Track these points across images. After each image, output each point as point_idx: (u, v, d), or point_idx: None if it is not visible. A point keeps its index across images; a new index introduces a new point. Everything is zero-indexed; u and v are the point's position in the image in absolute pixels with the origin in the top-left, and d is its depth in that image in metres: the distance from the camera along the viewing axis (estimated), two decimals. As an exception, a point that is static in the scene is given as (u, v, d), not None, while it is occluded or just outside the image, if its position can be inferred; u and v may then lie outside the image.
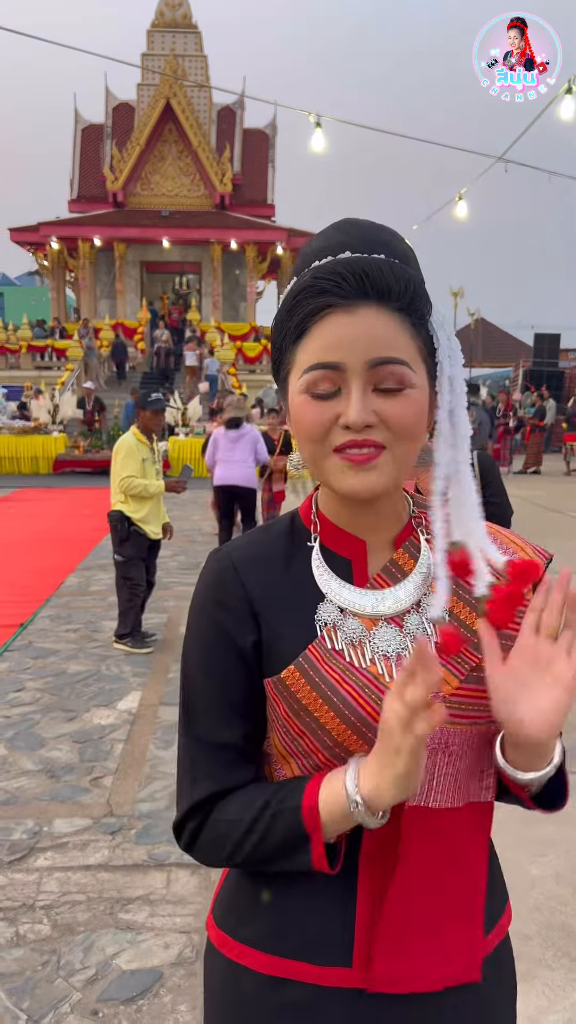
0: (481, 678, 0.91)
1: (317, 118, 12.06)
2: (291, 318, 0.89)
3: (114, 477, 5.41)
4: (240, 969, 0.98)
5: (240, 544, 1.03)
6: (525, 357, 28.21)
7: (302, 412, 0.89)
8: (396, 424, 0.87)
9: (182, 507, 12.00)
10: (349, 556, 0.98)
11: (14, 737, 4.16)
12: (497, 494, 3.59)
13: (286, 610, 0.97)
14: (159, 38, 29.71)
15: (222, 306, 29.27)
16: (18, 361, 24.14)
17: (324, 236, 0.91)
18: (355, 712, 0.91)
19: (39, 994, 2.39)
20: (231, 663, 0.96)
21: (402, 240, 0.92)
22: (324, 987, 0.93)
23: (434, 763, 0.93)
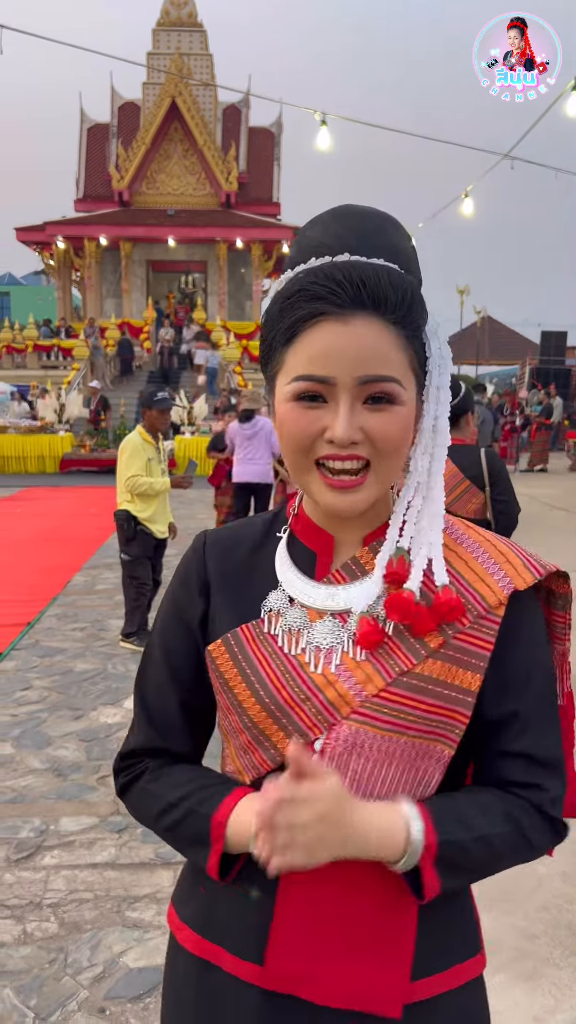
0: (413, 685, 0.89)
1: (323, 116, 12.05)
2: (283, 319, 0.87)
3: (120, 476, 5.41)
4: (177, 946, 1.03)
5: (221, 529, 1.08)
6: (532, 355, 28.16)
7: (288, 420, 0.88)
8: (381, 441, 0.86)
9: (188, 505, 12.00)
10: (315, 549, 0.99)
11: (21, 736, 4.17)
12: (504, 492, 3.58)
13: (238, 590, 1.00)
14: (165, 37, 29.70)
15: (228, 305, 29.26)
16: (24, 361, 24.18)
17: (323, 225, 0.88)
18: (271, 695, 0.92)
19: (47, 992, 2.40)
20: (179, 635, 1.02)
21: (405, 235, 0.91)
22: (240, 979, 0.94)
23: (346, 764, 0.90)
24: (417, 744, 0.90)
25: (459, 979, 0.96)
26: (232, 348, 22.87)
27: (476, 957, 0.99)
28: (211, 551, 1.04)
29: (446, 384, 0.92)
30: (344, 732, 0.90)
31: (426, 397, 0.91)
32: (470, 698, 0.91)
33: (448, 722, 0.90)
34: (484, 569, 0.94)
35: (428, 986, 0.93)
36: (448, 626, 0.91)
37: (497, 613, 0.92)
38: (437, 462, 0.94)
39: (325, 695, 0.90)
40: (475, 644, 0.91)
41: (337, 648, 0.92)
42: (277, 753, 0.93)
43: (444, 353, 0.92)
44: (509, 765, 0.93)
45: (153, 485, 5.34)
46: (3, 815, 3.39)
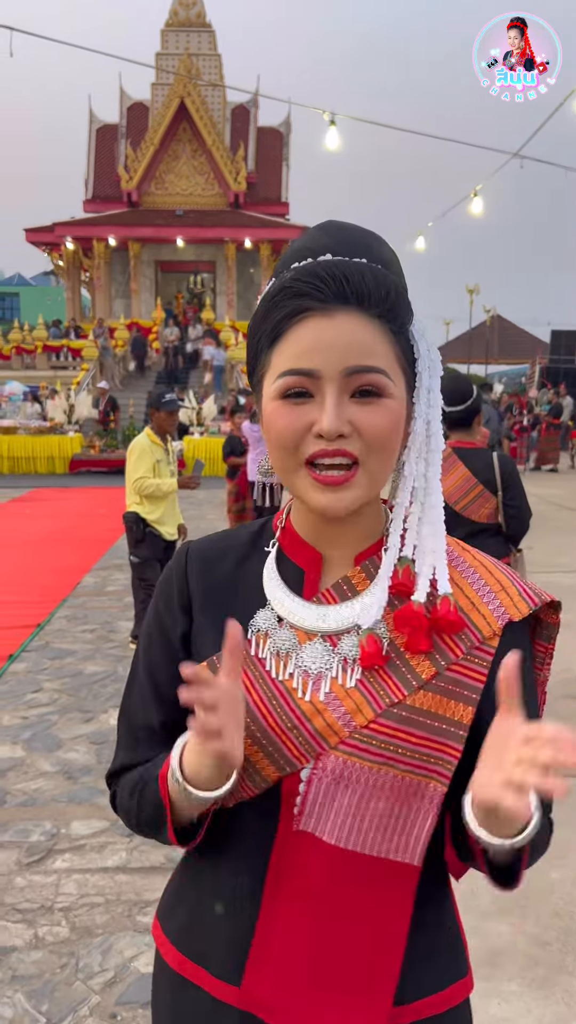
0: (403, 717, 0.87)
1: (331, 116, 12.05)
2: (267, 319, 0.86)
3: (128, 478, 5.42)
4: (161, 961, 1.02)
5: (206, 540, 1.05)
6: (542, 354, 28.07)
7: (275, 418, 0.86)
8: (370, 434, 0.84)
9: (197, 506, 12.02)
10: (303, 566, 0.96)
11: (32, 738, 4.18)
12: (516, 497, 3.56)
13: (223, 608, 0.96)
14: (173, 37, 29.74)
15: (236, 305, 29.29)
16: (34, 361, 24.26)
17: (307, 236, 0.89)
18: (257, 723, 0.90)
19: (58, 997, 2.40)
20: (162, 651, 1.00)
21: (386, 246, 0.90)
22: (218, 1000, 0.93)
23: (332, 795, 0.89)
24: (407, 779, 0.88)
25: (446, 1003, 0.95)
26: (240, 348, 22.88)
27: (464, 980, 0.98)
28: (193, 565, 1.01)
29: (437, 386, 0.91)
30: (332, 763, 0.88)
31: (417, 399, 0.90)
32: (462, 731, 0.88)
33: (439, 756, 0.87)
34: (479, 597, 0.91)
35: (414, 1010, 0.92)
36: (441, 656, 0.89)
37: (491, 644, 0.89)
38: (433, 467, 0.91)
39: (313, 724, 0.88)
40: (468, 676, 0.89)
41: (326, 674, 0.89)
42: (262, 779, 0.91)
43: (433, 355, 0.91)
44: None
45: (160, 487, 5.35)
46: (14, 818, 3.40)
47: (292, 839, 0.91)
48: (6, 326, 27.80)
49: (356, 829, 0.89)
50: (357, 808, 0.88)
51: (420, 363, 0.90)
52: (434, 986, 0.94)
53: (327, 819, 0.89)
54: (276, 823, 0.91)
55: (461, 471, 3.52)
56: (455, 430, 3.60)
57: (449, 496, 3.49)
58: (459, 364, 39.76)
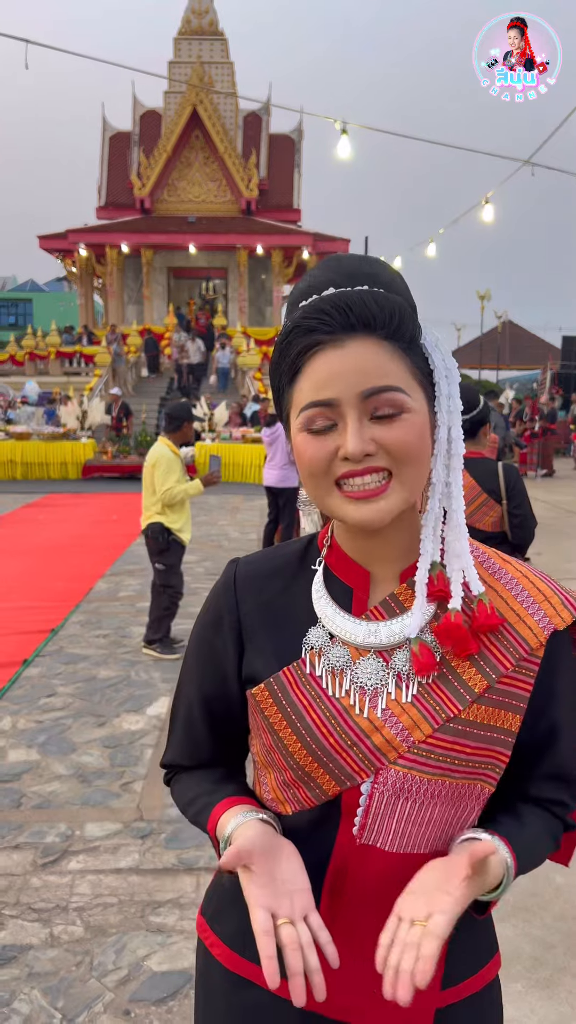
0: (459, 730, 0.91)
1: (343, 125, 12.12)
2: (284, 359, 0.90)
3: (150, 489, 5.49)
4: (211, 959, 1.06)
5: (252, 558, 1.08)
6: (553, 360, 28.03)
7: (303, 449, 0.89)
8: (396, 450, 0.87)
9: (208, 512, 12.09)
10: (352, 584, 0.99)
11: (46, 742, 4.25)
12: (521, 506, 3.58)
13: (276, 628, 1.00)
14: (186, 45, 29.93)
15: (248, 311, 29.40)
16: (47, 367, 24.43)
17: (310, 276, 0.93)
18: (317, 741, 0.93)
19: (73, 994, 2.47)
20: (212, 670, 1.05)
21: (388, 269, 0.93)
22: (279, 997, 0.97)
23: (393, 807, 0.93)
24: (461, 785, 0.93)
25: (482, 981, 1.01)
26: (252, 354, 22.99)
27: (494, 958, 1.05)
28: (243, 585, 1.04)
29: (456, 393, 0.93)
30: (392, 777, 0.92)
31: (438, 407, 0.93)
32: (511, 739, 0.94)
33: (491, 762, 0.94)
34: (524, 609, 0.95)
35: (455, 992, 0.98)
36: (490, 668, 0.93)
37: (537, 655, 0.94)
38: (454, 472, 0.94)
39: (372, 741, 0.92)
40: (517, 687, 0.94)
41: (382, 690, 0.93)
42: (322, 792, 0.95)
43: (449, 364, 0.93)
44: (540, 784, 1.00)
45: (187, 490, 5.46)
46: (30, 820, 3.47)
47: (351, 847, 0.95)
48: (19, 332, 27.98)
49: (413, 835, 0.94)
50: (416, 816, 0.93)
51: (436, 373, 0.92)
52: (475, 965, 1.01)
53: (388, 830, 0.94)
54: (335, 833, 0.96)
55: (466, 479, 3.55)
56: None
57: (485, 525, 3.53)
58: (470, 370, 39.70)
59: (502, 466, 3.57)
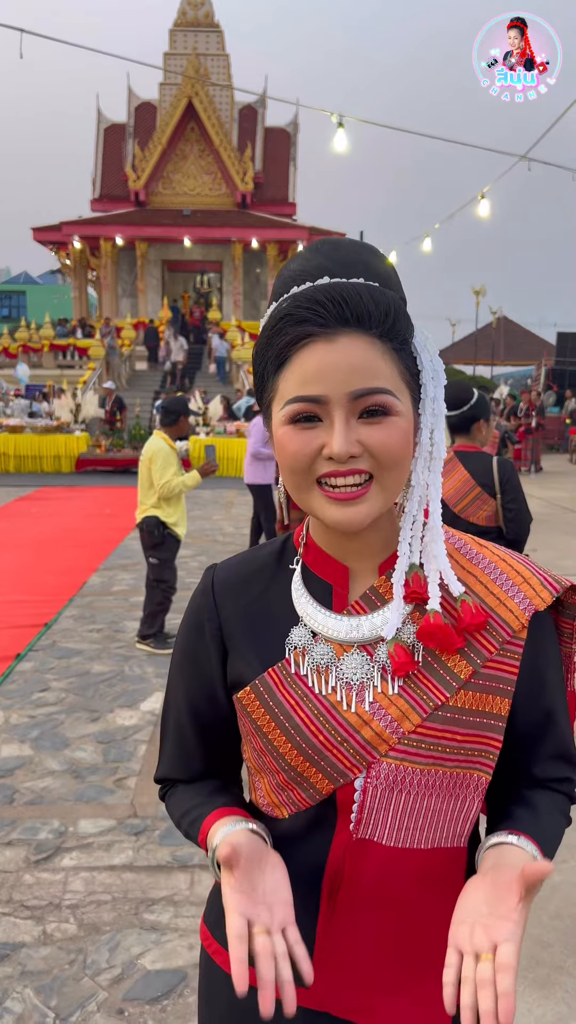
0: (448, 718, 0.90)
1: (339, 118, 12.06)
2: (271, 346, 0.87)
3: (147, 483, 5.46)
4: (214, 966, 1.04)
5: (230, 563, 1.07)
6: (548, 356, 28.05)
7: (285, 442, 0.87)
8: (380, 452, 0.85)
9: (203, 507, 12.05)
10: (331, 580, 0.98)
11: (39, 737, 4.22)
12: (515, 501, 3.58)
13: (258, 630, 0.99)
14: (181, 37, 29.81)
15: (243, 304, 29.35)
16: (40, 360, 24.33)
17: (302, 258, 0.90)
18: (307, 740, 0.92)
19: (67, 992, 2.44)
20: (197, 679, 1.04)
21: (382, 259, 0.90)
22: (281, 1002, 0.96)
23: (388, 800, 0.92)
24: (456, 774, 0.92)
25: None
26: (247, 348, 22.94)
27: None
28: (221, 591, 1.03)
29: (441, 396, 0.92)
30: (385, 770, 0.91)
31: (422, 409, 0.91)
32: (501, 723, 0.93)
33: (483, 749, 0.92)
34: (504, 592, 0.95)
35: None
36: (475, 653, 0.92)
37: (520, 637, 0.94)
38: (435, 474, 0.93)
39: (362, 735, 0.91)
40: (503, 670, 0.93)
41: (368, 684, 0.92)
42: (316, 792, 0.94)
43: (436, 366, 0.92)
44: (543, 766, 1.00)
45: (185, 482, 5.46)
46: (22, 816, 3.44)
47: (348, 844, 0.93)
48: (13, 324, 27.86)
49: (411, 828, 0.93)
50: (412, 809, 0.92)
51: (424, 374, 0.91)
52: None
53: (384, 824, 0.92)
54: (332, 831, 0.94)
55: (461, 473, 3.56)
56: (455, 434, 3.66)
57: (449, 498, 3.54)
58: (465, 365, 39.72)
59: (497, 460, 3.57)
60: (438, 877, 0.94)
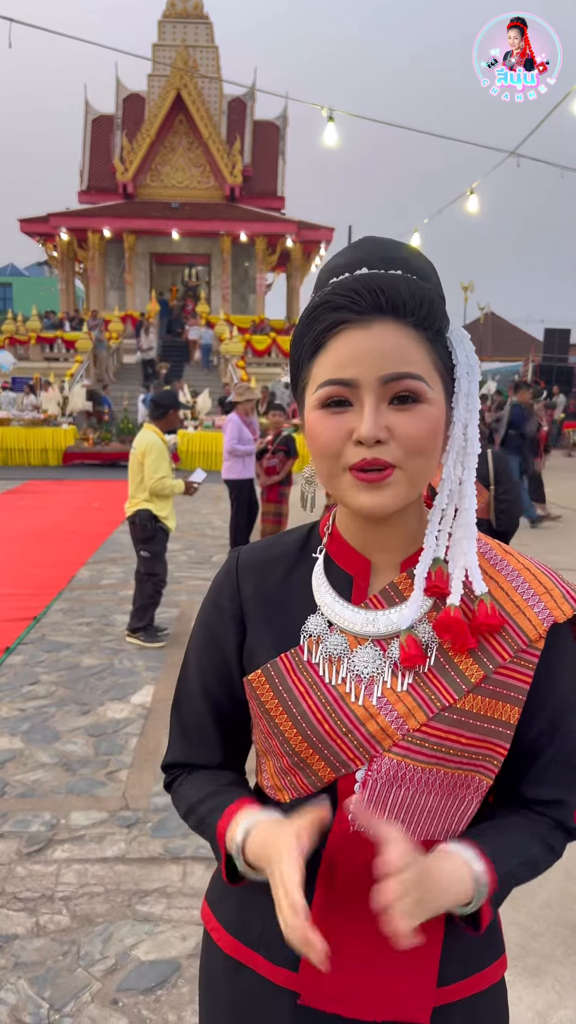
0: (454, 720, 0.91)
1: (330, 112, 12.03)
2: (308, 332, 0.89)
3: (138, 477, 5.46)
4: (212, 944, 1.06)
5: (254, 546, 1.08)
6: (535, 352, 28.15)
7: (317, 426, 0.89)
8: (407, 440, 0.86)
9: (191, 501, 12.04)
10: (352, 572, 0.99)
11: (30, 730, 4.22)
12: (508, 493, 3.61)
13: (275, 615, 1.00)
14: (170, 28, 29.62)
15: (231, 298, 29.26)
16: (27, 352, 24.19)
17: (343, 254, 0.92)
18: (312, 727, 0.93)
19: (60, 983, 2.45)
20: (214, 660, 1.05)
21: (422, 257, 0.92)
22: (274, 984, 0.97)
23: (387, 794, 0.93)
24: (457, 775, 0.93)
25: (485, 982, 1.00)
26: (235, 342, 22.88)
27: (499, 960, 1.03)
28: (244, 573, 1.04)
29: (475, 391, 0.92)
30: (386, 765, 0.92)
31: (455, 404, 0.92)
32: (509, 731, 0.93)
33: (487, 754, 0.93)
34: (524, 600, 0.95)
35: (456, 991, 0.97)
36: (487, 658, 0.92)
37: (537, 647, 0.93)
38: (468, 471, 0.93)
39: (367, 728, 0.92)
40: (515, 678, 0.93)
41: (378, 678, 0.93)
42: (318, 779, 0.95)
43: (471, 360, 0.92)
44: (537, 785, 0.99)
45: (175, 487, 5.51)
46: (14, 809, 3.44)
47: (345, 835, 0.94)
48: (-1, 317, 27.69)
49: (407, 822, 0.94)
50: (410, 804, 0.93)
51: (459, 368, 0.91)
52: (477, 965, 1.00)
53: (381, 817, 0.92)
54: (331, 819, 0.95)
55: None
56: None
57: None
58: (452, 361, 39.76)
59: (492, 453, 3.59)
60: None
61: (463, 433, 0.93)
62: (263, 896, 0.98)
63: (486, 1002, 1.00)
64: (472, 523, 0.94)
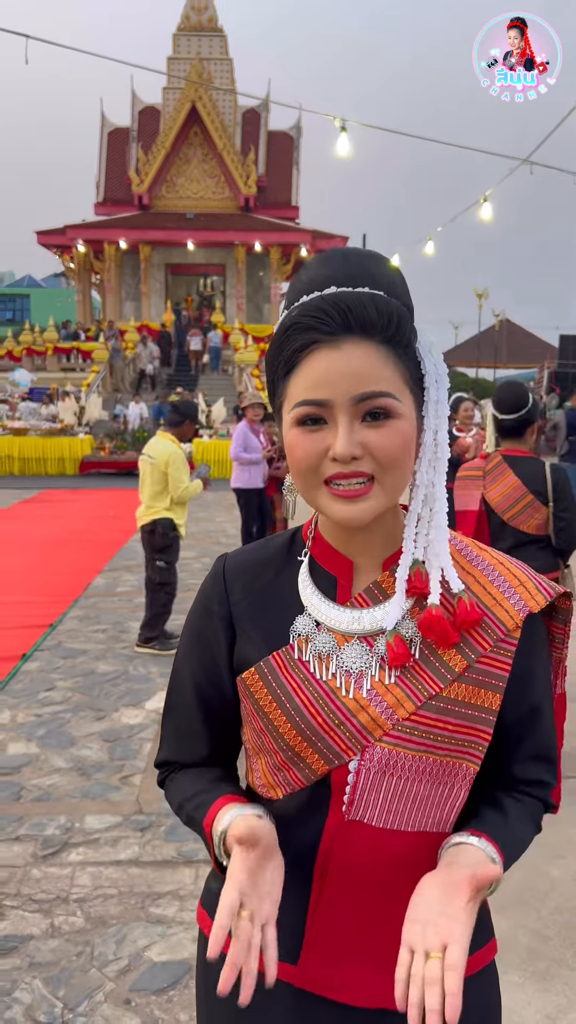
0: (441, 708, 0.95)
1: (342, 122, 12.11)
2: (281, 353, 0.92)
3: (157, 486, 5.50)
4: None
5: (239, 552, 1.12)
6: (550, 358, 28.06)
7: (294, 445, 0.92)
8: (382, 455, 0.90)
9: (206, 508, 12.12)
10: (336, 573, 1.02)
11: (46, 735, 4.27)
12: (568, 509, 3.40)
13: (264, 616, 1.04)
14: (185, 41, 29.93)
15: (246, 308, 29.43)
16: (44, 363, 24.42)
17: (312, 269, 0.94)
18: (306, 721, 0.97)
19: (74, 983, 2.49)
20: (204, 662, 1.08)
21: (389, 268, 0.94)
22: (277, 980, 0.98)
23: (379, 783, 0.96)
24: (445, 762, 0.96)
25: (477, 966, 1.02)
26: (250, 351, 23.00)
27: (490, 943, 1.06)
28: (232, 577, 1.07)
29: (444, 399, 0.96)
30: (378, 754, 0.95)
31: (425, 412, 0.95)
32: (492, 717, 0.97)
33: (473, 740, 0.96)
34: (500, 593, 0.99)
35: None
36: (470, 649, 0.96)
37: (514, 636, 0.98)
38: (440, 474, 0.97)
39: (358, 719, 0.96)
40: (496, 666, 0.97)
41: (367, 672, 0.97)
42: (311, 772, 0.98)
43: (440, 370, 0.95)
44: (522, 765, 1.04)
45: (197, 490, 5.58)
46: (30, 812, 3.48)
47: (340, 825, 0.97)
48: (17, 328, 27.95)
49: (400, 811, 0.97)
50: (401, 792, 0.97)
51: (428, 378, 0.95)
52: (471, 948, 1.01)
53: (374, 806, 0.96)
54: (326, 811, 0.98)
55: (510, 480, 3.41)
56: (507, 438, 3.51)
57: (497, 506, 3.41)
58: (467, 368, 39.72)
59: (549, 466, 3.40)
60: (422, 861, 0.98)
61: (433, 440, 0.97)
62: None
63: (478, 984, 1.02)
64: (444, 525, 0.98)
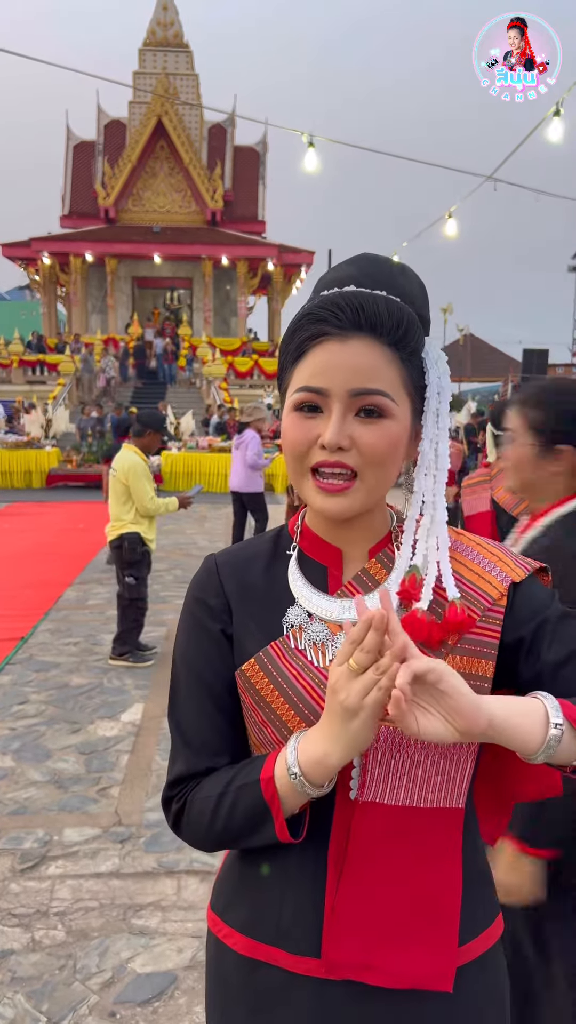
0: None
1: (310, 137, 12.23)
2: (293, 340, 0.97)
3: (122, 498, 5.44)
4: (224, 948, 1.07)
5: (229, 550, 1.13)
6: (513, 372, 28.49)
7: (288, 428, 0.97)
8: (368, 450, 0.93)
9: (176, 521, 12.06)
10: (325, 563, 1.05)
11: (21, 749, 4.22)
12: None
13: (258, 608, 1.05)
14: (151, 56, 30.03)
15: (213, 321, 29.47)
16: (9, 376, 24.19)
17: (337, 269, 0.99)
18: (308, 706, 0.98)
19: (58, 997, 2.45)
20: (208, 655, 1.05)
21: (412, 279, 0.99)
22: (294, 974, 1.00)
23: (389, 762, 0.96)
24: None
25: (491, 940, 1.04)
26: (218, 364, 23.02)
27: (498, 919, 1.08)
28: (225, 571, 1.08)
29: (445, 410, 0.99)
30: (384, 733, 0.96)
31: (425, 422, 0.99)
32: (487, 684, 0.99)
33: None
34: (482, 568, 1.02)
35: (469, 950, 1.01)
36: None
37: (500, 604, 1.00)
38: (439, 483, 1.00)
39: None
40: (486, 635, 0.99)
41: None
42: None
43: (443, 382, 0.99)
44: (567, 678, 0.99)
45: (168, 506, 5.47)
46: (6, 827, 3.44)
47: (350, 808, 0.97)
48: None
49: (409, 788, 0.98)
50: (410, 768, 0.97)
51: (430, 389, 0.99)
52: (483, 924, 1.04)
53: (386, 784, 0.97)
54: (333, 795, 0.98)
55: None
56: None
57: (505, 503, 3.53)
58: (433, 381, 40.04)
59: None
60: (440, 837, 0.99)
61: (433, 449, 1.00)
62: (276, 889, 1.02)
63: (491, 961, 1.04)
64: (444, 533, 1.01)
